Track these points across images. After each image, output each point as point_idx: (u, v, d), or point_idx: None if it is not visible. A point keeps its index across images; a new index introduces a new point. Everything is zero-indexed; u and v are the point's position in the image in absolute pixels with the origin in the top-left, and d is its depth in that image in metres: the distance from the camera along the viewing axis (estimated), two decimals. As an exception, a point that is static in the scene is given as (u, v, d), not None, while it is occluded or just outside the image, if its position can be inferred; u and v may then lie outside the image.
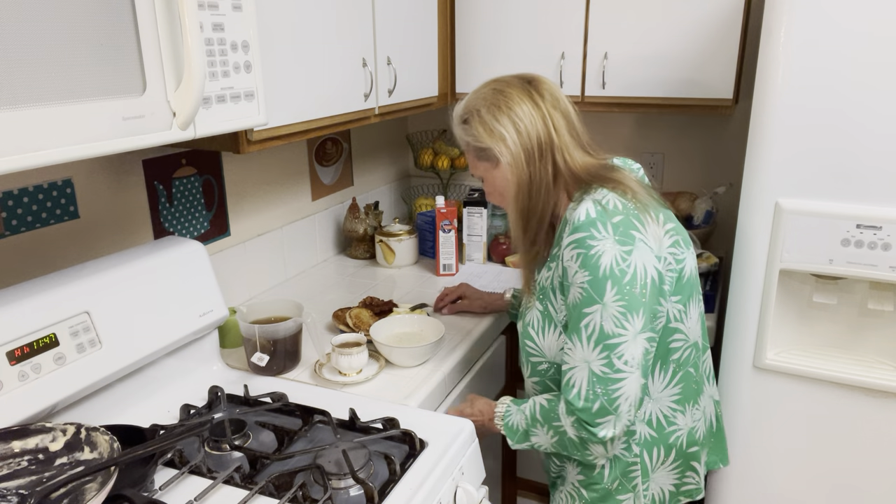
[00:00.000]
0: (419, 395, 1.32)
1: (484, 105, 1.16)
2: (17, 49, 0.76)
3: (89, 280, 1.12)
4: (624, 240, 1.06)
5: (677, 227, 1.17)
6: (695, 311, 1.19)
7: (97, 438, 0.92)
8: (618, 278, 1.04)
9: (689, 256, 1.17)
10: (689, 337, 1.18)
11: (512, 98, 1.14)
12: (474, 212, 2.06)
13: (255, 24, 1.11)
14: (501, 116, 1.13)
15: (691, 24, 1.78)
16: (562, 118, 1.16)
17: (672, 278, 1.12)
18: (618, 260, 1.05)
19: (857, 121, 1.30)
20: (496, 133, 1.14)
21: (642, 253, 1.06)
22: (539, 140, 1.13)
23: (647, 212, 1.10)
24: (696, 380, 1.22)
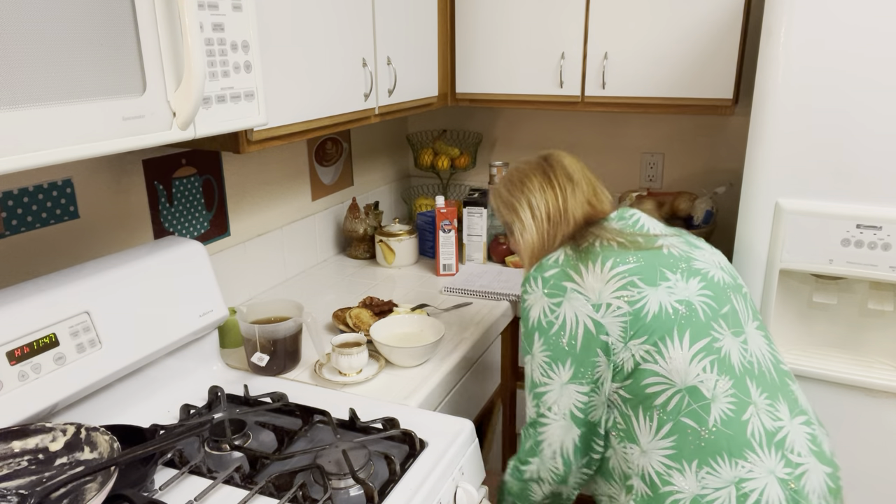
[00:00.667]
0: (419, 395, 1.32)
1: (504, 185, 1.32)
2: (17, 49, 0.76)
3: (89, 280, 1.12)
4: (553, 292, 1.11)
5: (638, 268, 1.09)
6: (683, 353, 1.05)
7: (97, 438, 0.92)
8: (544, 329, 1.11)
9: (655, 293, 1.07)
10: (675, 381, 1.04)
11: (531, 180, 1.27)
12: (474, 212, 2.06)
13: (255, 24, 1.11)
14: (522, 198, 1.26)
15: (691, 24, 1.78)
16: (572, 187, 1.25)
17: (625, 322, 1.06)
18: (545, 312, 1.11)
19: (857, 121, 1.30)
20: (513, 208, 1.28)
21: (574, 303, 1.09)
22: (548, 212, 1.24)
23: (587, 262, 1.11)
24: (706, 437, 1.03)
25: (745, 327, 1.12)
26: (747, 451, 1.02)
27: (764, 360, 1.12)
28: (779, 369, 1.13)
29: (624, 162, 2.31)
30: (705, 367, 1.05)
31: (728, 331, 1.09)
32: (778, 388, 1.10)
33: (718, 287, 1.12)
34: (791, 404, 1.10)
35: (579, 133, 2.35)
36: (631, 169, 2.31)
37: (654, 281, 1.09)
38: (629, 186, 2.33)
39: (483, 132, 2.49)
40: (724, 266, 1.18)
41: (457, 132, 2.51)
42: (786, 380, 1.13)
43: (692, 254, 1.16)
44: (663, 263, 1.11)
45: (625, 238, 1.14)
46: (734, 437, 1.03)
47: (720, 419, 1.04)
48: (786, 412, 1.08)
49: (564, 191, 1.25)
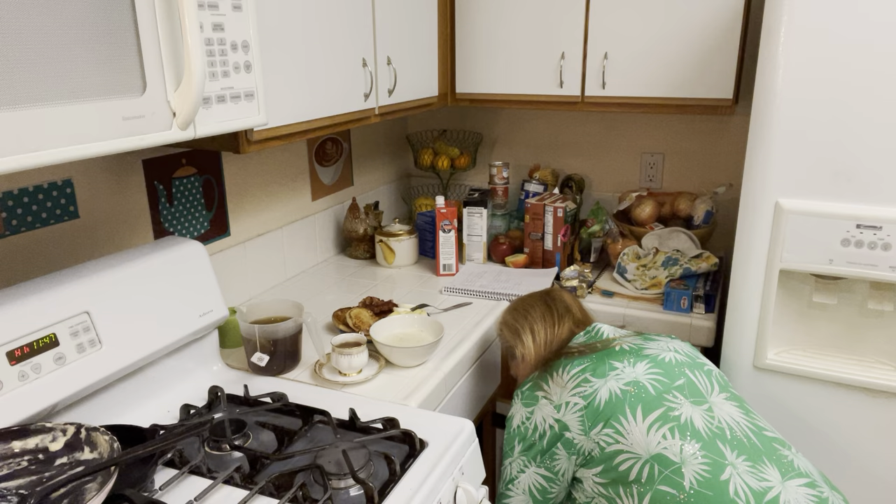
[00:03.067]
0: (419, 395, 1.32)
1: (510, 314, 1.48)
2: (17, 49, 0.76)
3: (89, 280, 1.12)
4: (528, 402, 1.30)
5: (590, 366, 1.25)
6: (638, 426, 1.13)
7: (97, 438, 0.92)
8: (522, 434, 1.29)
9: (605, 384, 1.20)
10: (640, 453, 1.12)
11: (534, 312, 1.44)
12: (474, 212, 2.06)
13: (255, 24, 1.11)
14: (526, 327, 1.42)
15: (691, 24, 1.78)
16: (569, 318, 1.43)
17: (582, 416, 1.20)
18: (523, 419, 1.30)
19: (858, 121, 1.30)
20: (517, 333, 1.43)
21: (542, 410, 1.26)
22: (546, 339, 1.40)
23: (550, 372, 1.30)
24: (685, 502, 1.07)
25: (707, 398, 1.19)
26: None
27: (738, 427, 1.15)
28: (762, 436, 1.15)
29: (624, 162, 2.31)
30: (665, 435, 1.11)
31: (686, 400, 1.17)
32: (762, 453, 1.11)
33: (669, 365, 1.24)
34: (783, 468, 1.10)
35: (579, 133, 2.35)
36: (631, 169, 2.31)
37: (603, 373, 1.22)
38: (629, 186, 2.33)
39: (483, 132, 2.49)
40: (679, 349, 1.30)
41: (457, 132, 2.51)
42: (773, 445, 1.14)
43: (645, 345, 1.30)
44: (612, 357, 1.26)
45: (586, 347, 1.32)
46: (714, 497, 1.04)
47: (696, 481, 1.07)
48: (774, 474, 1.08)
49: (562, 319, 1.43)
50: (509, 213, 2.28)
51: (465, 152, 2.38)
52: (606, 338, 1.34)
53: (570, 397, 1.23)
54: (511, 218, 2.28)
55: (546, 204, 2.02)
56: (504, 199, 2.27)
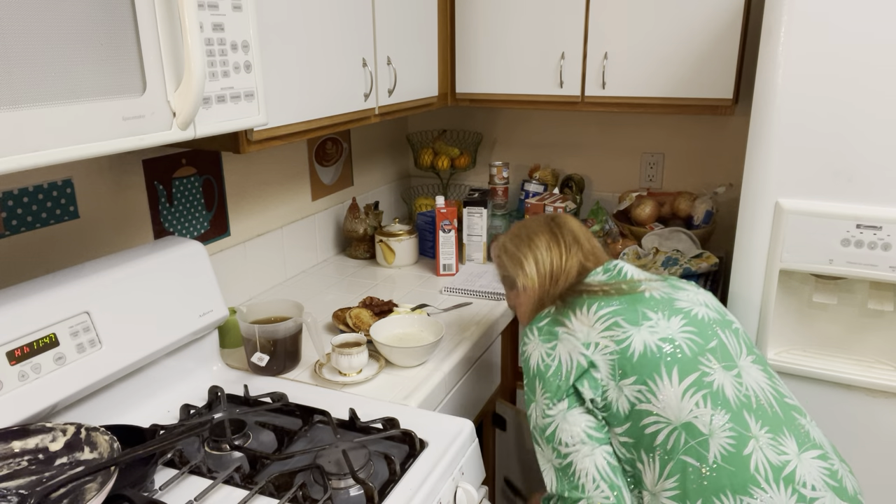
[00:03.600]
0: (419, 395, 1.32)
1: (510, 240, 1.35)
2: (17, 49, 0.76)
3: (89, 280, 1.12)
4: (548, 338, 1.17)
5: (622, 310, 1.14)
6: (674, 389, 1.06)
7: (97, 438, 0.92)
8: (542, 373, 1.14)
9: (639, 333, 1.10)
10: (670, 419, 1.05)
11: (538, 238, 1.32)
12: (474, 212, 2.06)
13: (255, 24, 1.11)
14: (528, 254, 1.30)
15: (691, 24, 1.78)
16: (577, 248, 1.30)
17: (613, 360, 1.10)
18: (543, 357, 1.16)
19: (858, 120, 1.30)
20: (518, 263, 1.31)
21: (566, 344, 1.14)
22: (551, 271, 1.28)
23: (574, 309, 1.18)
24: (708, 476, 1.02)
25: (737, 361, 1.13)
26: (752, 488, 1.01)
27: (763, 393, 1.11)
28: (783, 403, 1.12)
29: (624, 162, 2.31)
30: (698, 402, 1.06)
31: (718, 364, 1.10)
32: (782, 422, 1.08)
33: (702, 323, 1.14)
34: (800, 438, 1.08)
35: (579, 133, 2.35)
36: (631, 169, 2.31)
37: (636, 321, 1.12)
38: (629, 186, 2.33)
39: (483, 132, 2.49)
40: (709, 304, 1.20)
41: (457, 132, 2.51)
42: (793, 414, 1.11)
43: (674, 295, 1.19)
44: (644, 305, 1.15)
45: (609, 287, 1.20)
46: (736, 473, 1.02)
47: (720, 455, 1.03)
48: (792, 446, 1.06)
49: (569, 250, 1.30)
50: (509, 213, 2.28)
51: (465, 152, 2.38)
52: (631, 279, 1.22)
53: (600, 338, 1.12)
54: (511, 218, 2.28)
55: (546, 204, 2.02)
56: (504, 199, 2.27)
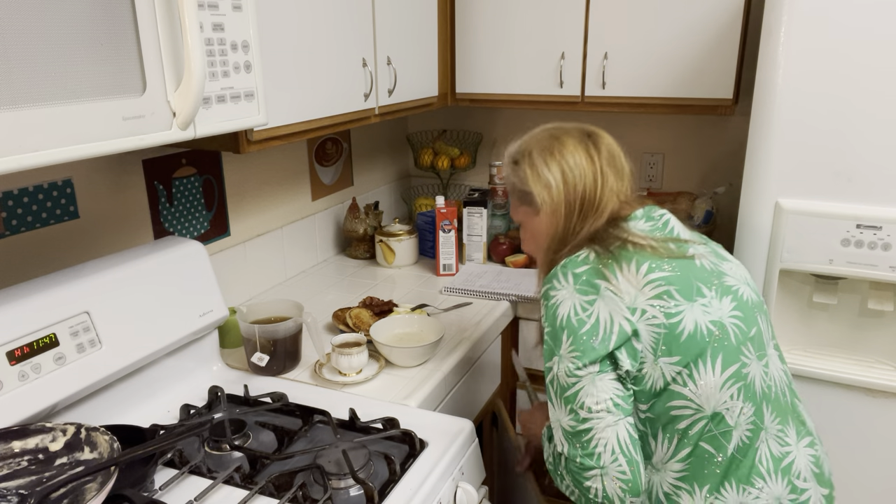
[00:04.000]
0: (419, 395, 1.32)
1: (537, 147, 1.12)
2: (17, 49, 0.76)
3: (89, 280, 1.12)
4: (586, 289, 1.00)
5: (675, 277, 1.01)
6: (715, 378, 0.99)
7: (97, 438, 0.92)
8: (574, 328, 0.99)
9: (692, 310, 0.99)
10: (703, 407, 0.99)
11: (567, 147, 1.11)
12: (474, 212, 2.06)
13: (255, 24, 1.11)
14: (552, 163, 1.10)
15: (691, 24, 1.78)
16: (613, 175, 1.12)
17: (658, 334, 0.98)
18: (576, 309, 1.00)
19: (858, 121, 1.30)
20: (543, 179, 1.10)
21: (608, 303, 0.99)
22: (583, 196, 1.09)
23: (619, 262, 1.02)
24: (723, 463, 1.01)
25: (766, 350, 1.07)
26: (756, 478, 1.01)
27: (781, 382, 1.08)
28: (792, 391, 1.10)
29: (624, 162, 2.31)
30: (733, 395, 1.01)
31: (754, 354, 1.04)
32: (789, 412, 1.07)
33: (747, 307, 1.05)
34: (798, 427, 1.08)
35: (579, 133, 2.35)
36: (631, 169, 2.31)
37: (690, 295, 1.00)
38: (629, 186, 2.32)
39: (483, 132, 2.49)
40: (749, 282, 1.10)
41: (457, 132, 2.51)
42: (795, 400, 1.11)
43: (722, 267, 1.07)
44: (698, 277, 1.02)
45: (657, 243, 1.05)
46: (745, 462, 1.01)
47: (736, 447, 1.01)
48: (793, 436, 1.06)
49: (605, 177, 1.11)
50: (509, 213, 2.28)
51: (465, 152, 2.38)
52: (678, 237, 1.08)
53: (648, 305, 0.99)
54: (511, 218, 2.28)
55: None
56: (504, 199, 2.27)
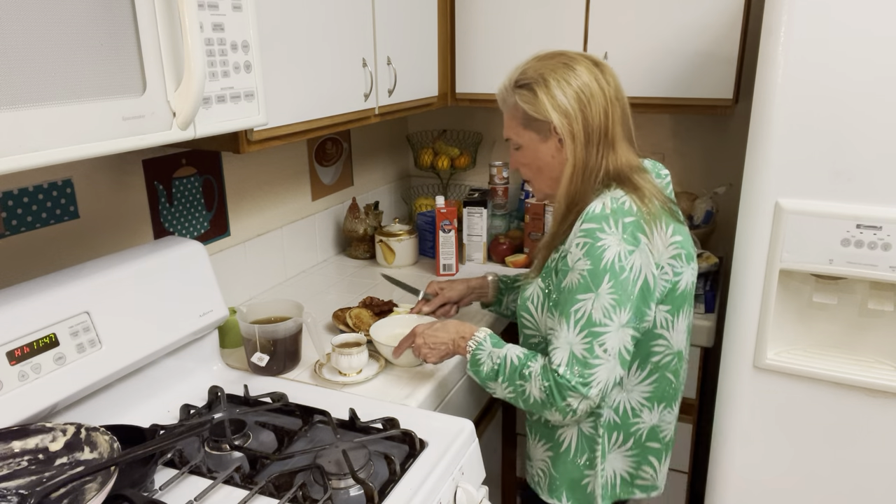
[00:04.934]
0: (419, 395, 1.32)
1: (552, 75, 1.14)
2: (17, 49, 0.76)
3: (89, 280, 1.12)
4: (630, 240, 1.10)
5: (684, 242, 1.20)
6: (682, 324, 1.25)
7: (97, 438, 0.92)
8: (616, 273, 1.09)
9: (688, 271, 1.22)
10: (673, 345, 1.24)
11: (581, 76, 1.14)
12: (474, 212, 2.06)
13: (255, 24, 1.11)
14: (569, 91, 1.13)
15: (691, 24, 1.78)
16: (620, 109, 1.17)
17: (665, 287, 1.18)
18: (620, 256, 1.10)
19: (858, 121, 1.30)
20: (561, 107, 1.13)
21: (643, 256, 1.12)
22: (599, 126, 1.14)
23: (656, 221, 1.14)
24: (675, 387, 1.28)
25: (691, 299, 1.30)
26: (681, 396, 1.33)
27: None
28: None
29: (624, 162, 2.31)
30: (687, 337, 1.28)
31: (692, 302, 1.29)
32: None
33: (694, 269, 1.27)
34: None
35: (579, 133, 2.35)
36: (631, 169, 2.31)
37: (690, 258, 1.22)
38: (629, 186, 2.32)
39: (483, 132, 2.49)
40: None
41: (457, 132, 2.51)
42: None
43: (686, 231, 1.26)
44: (690, 244, 1.23)
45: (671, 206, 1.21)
46: (680, 388, 1.31)
47: (683, 376, 1.31)
48: None
49: (614, 109, 1.15)
50: (509, 213, 2.28)
51: (465, 152, 2.38)
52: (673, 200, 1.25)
53: (666, 263, 1.17)
54: (511, 218, 2.28)
55: (546, 204, 2.02)
56: (504, 199, 2.27)
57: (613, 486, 1.30)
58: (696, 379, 1.82)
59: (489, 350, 1.22)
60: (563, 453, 1.29)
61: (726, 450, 1.59)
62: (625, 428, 1.27)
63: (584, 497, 1.30)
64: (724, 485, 1.62)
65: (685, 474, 1.92)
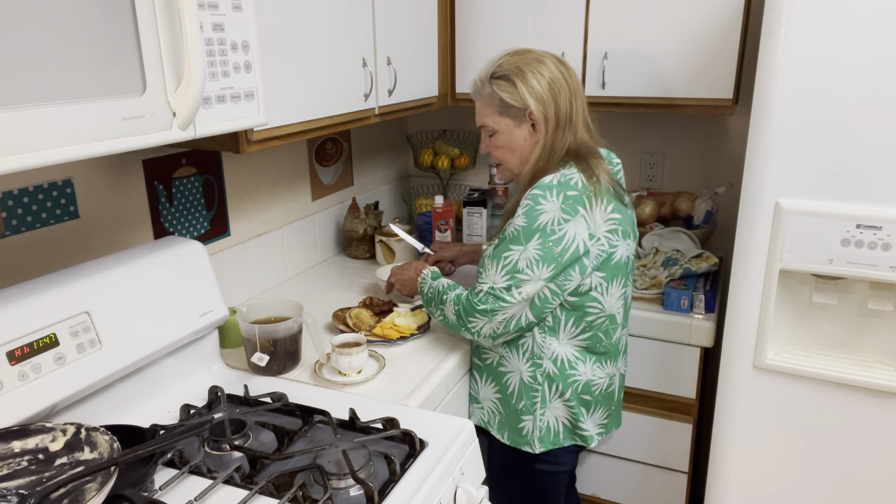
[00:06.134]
0: (419, 395, 1.32)
1: (528, 68, 1.33)
2: (17, 49, 0.76)
3: (89, 280, 1.12)
4: (567, 210, 1.28)
5: (622, 221, 1.36)
6: (617, 291, 1.40)
7: (97, 438, 0.92)
8: (546, 234, 1.28)
9: (624, 246, 1.37)
10: (606, 309, 1.39)
11: (551, 69, 1.34)
12: (474, 212, 2.06)
13: (255, 24, 1.11)
14: (543, 81, 1.32)
15: (691, 24, 1.78)
16: (580, 100, 1.37)
17: (600, 256, 1.33)
18: (554, 221, 1.28)
19: (858, 120, 1.30)
20: (538, 95, 1.33)
21: (578, 225, 1.29)
22: (566, 113, 1.34)
23: (598, 197, 1.31)
24: (605, 346, 1.43)
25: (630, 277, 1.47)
26: (619, 357, 1.49)
27: None
28: None
29: (624, 162, 2.31)
30: (621, 305, 1.43)
31: (630, 279, 1.46)
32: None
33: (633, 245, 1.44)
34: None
35: (579, 133, 2.34)
36: (631, 169, 2.31)
37: (627, 235, 1.38)
38: (629, 186, 2.33)
39: (483, 132, 2.49)
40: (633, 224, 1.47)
41: (457, 132, 2.51)
42: None
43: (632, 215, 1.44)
44: (629, 224, 1.40)
45: (620, 189, 1.38)
46: (616, 347, 1.46)
47: (615, 337, 1.44)
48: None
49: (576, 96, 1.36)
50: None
51: (465, 152, 2.38)
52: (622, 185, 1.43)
53: (601, 235, 1.32)
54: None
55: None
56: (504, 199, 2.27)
57: (556, 434, 1.45)
58: (697, 379, 1.82)
59: (430, 283, 1.48)
60: (508, 396, 1.45)
61: (726, 450, 1.59)
62: (563, 379, 1.41)
63: (521, 439, 1.46)
64: (724, 485, 1.62)
65: (685, 474, 1.92)
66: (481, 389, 1.51)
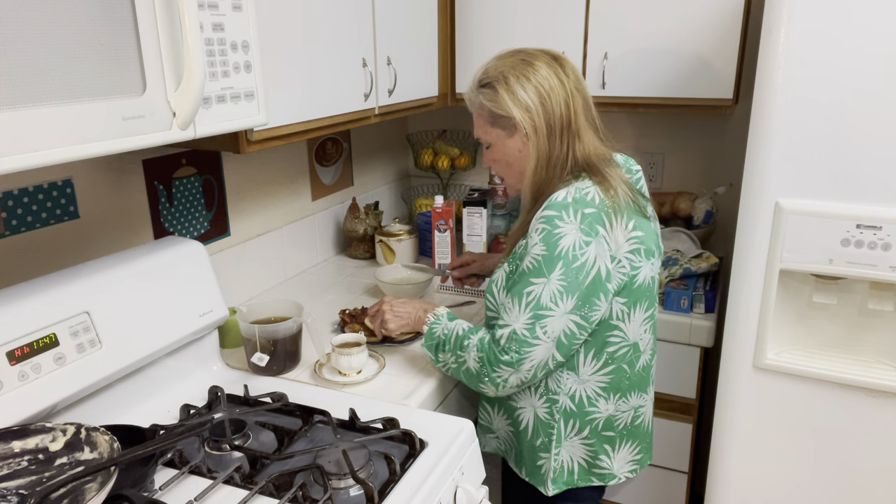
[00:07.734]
0: (419, 395, 1.32)
1: (512, 73, 1.19)
2: (17, 49, 0.76)
3: (89, 280, 1.12)
4: (588, 230, 1.14)
5: (645, 238, 1.22)
6: (640, 316, 1.26)
7: (97, 438, 0.92)
8: (569, 261, 1.14)
9: (647, 267, 1.24)
10: (629, 337, 1.26)
11: (540, 71, 1.18)
12: (474, 212, 2.06)
13: (255, 24, 1.11)
14: (528, 86, 1.17)
15: (691, 24, 1.78)
16: (581, 100, 1.22)
17: (621, 280, 1.20)
18: (575, 245, 1.14)
19: (858, 121, 1.30)
20: (522, 102, 1.18)
21: (599, 248, 1.15)
22: (561, 117, 1.18)
23: (618, 214, 1.17)
24: (630, 378, 1.29)
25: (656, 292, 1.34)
26: (648, 388, 1.35)
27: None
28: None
29: (624, 162, 2.31)
30: (647, 329, 1.30)
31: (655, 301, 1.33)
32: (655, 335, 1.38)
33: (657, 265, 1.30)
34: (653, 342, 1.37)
35: (579, 133, 2.34)
36: (631, 169, 2.31)
37: (650, 254, 1.24)
38: (629, 186, 2.32)
39: (483, 132, 2.49)
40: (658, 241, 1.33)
41: (457, 132, 2.51)
42: None
43: (657, 230, 1.31)
44: (653, 240, 1.26)
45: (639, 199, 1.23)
46: (644, 378, 1.32)
47: (642, 367, 1.31)
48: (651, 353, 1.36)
49: (575, 100, 1.20)
50: (509, 213, 2.27)
51: (465, 152, 2.38)
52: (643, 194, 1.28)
53: (623, 256, 1.19)
54: (511, 218, 2.28)
55: None
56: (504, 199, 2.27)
57: (570, 473, 1.32)
58: (696, 379, 1.82)
59: (444, 324, 1.30)
60: (522, 431, 1.33)
61: (726, 449, 1.59)
62: (581, 416, 1.29)
63: (537, 476, 1.34)
64: (723, 485, 1.62)
65: (685, 474, 1.92)
66: (494, 420, 1.40)
